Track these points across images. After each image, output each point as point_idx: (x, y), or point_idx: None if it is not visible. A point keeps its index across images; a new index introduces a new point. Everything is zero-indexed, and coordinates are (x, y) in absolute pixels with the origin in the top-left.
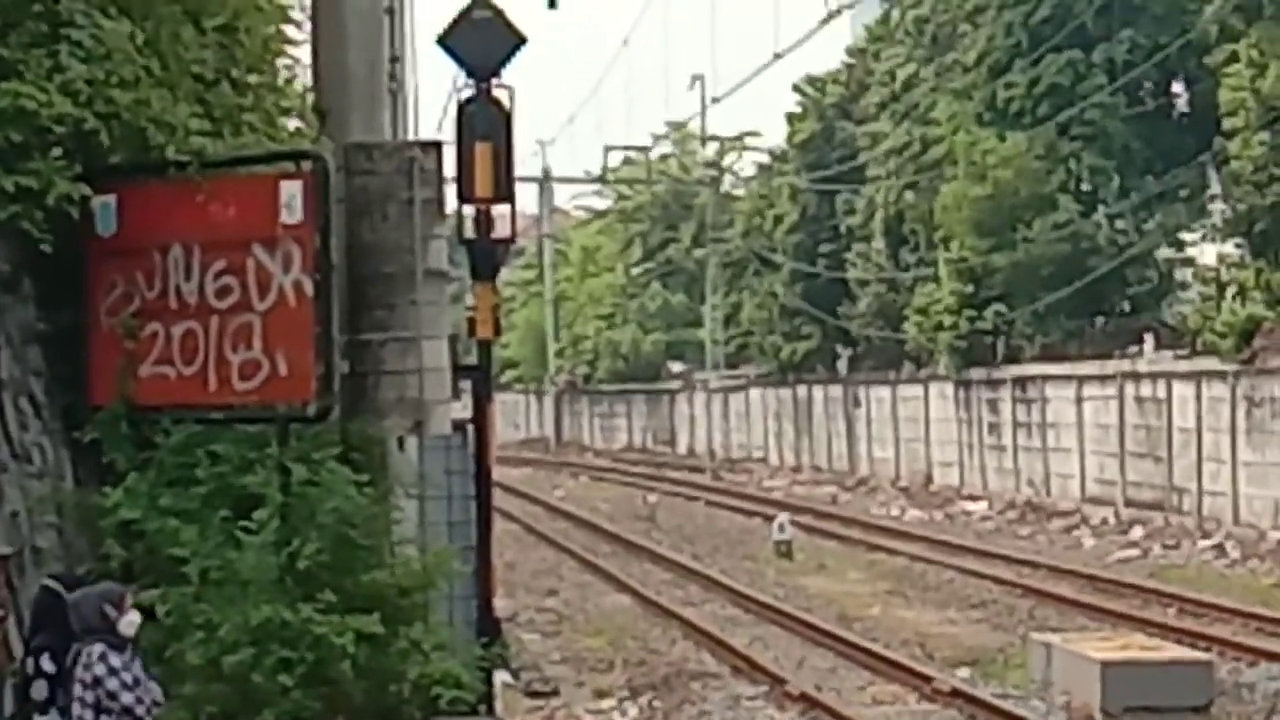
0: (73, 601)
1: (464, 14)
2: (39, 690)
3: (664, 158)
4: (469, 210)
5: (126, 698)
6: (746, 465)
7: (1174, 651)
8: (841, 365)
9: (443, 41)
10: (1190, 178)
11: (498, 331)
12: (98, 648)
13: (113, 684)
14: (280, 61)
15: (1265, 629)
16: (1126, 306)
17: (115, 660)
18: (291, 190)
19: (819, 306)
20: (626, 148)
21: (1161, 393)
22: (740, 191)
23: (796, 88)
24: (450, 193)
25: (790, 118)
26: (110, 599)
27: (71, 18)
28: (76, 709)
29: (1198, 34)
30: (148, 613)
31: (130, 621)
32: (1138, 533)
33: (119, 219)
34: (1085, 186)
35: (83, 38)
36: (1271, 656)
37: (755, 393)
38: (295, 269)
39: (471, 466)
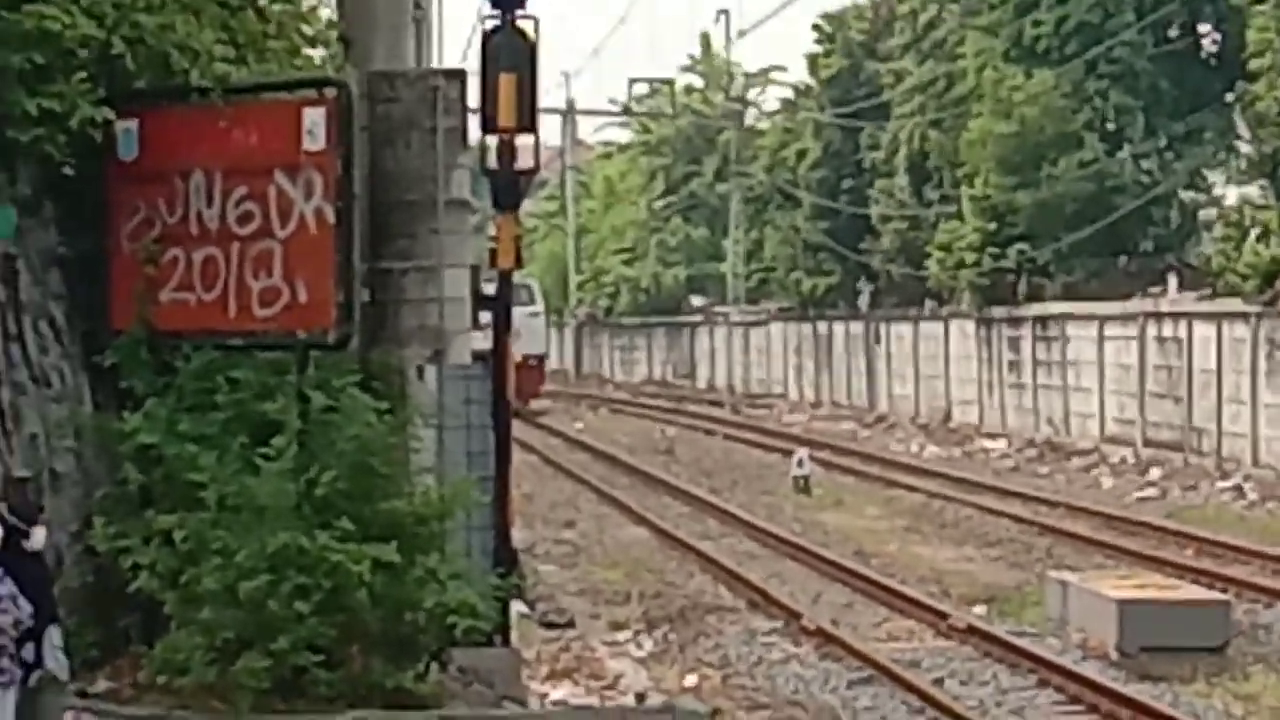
0: None
1: None
2: None
3: (689, 91)
4: (492, 140)
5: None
6: (766, 400)
7: (1191, 592)
8: (863, 301)
9: None
10: (1216, 119)
11: (519, 263)
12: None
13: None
14: None
15: (1276, 569)
16: (1150, 247)
17: None
18: (314, 117)
19: (841, 242)
20: (651, 80)
21: (1183, 333)
22: (764, 126)
23: (816, 26)
24: (474, 123)
25: (813, 58)
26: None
27: None
28: None
29: None
30: (165, 538)
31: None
32: (1156, 473)
33: (141, 144)
34: (1111, 125)
35: None
36: None
37: (776, 328)
38: (317, 196)
39: (489, 396)
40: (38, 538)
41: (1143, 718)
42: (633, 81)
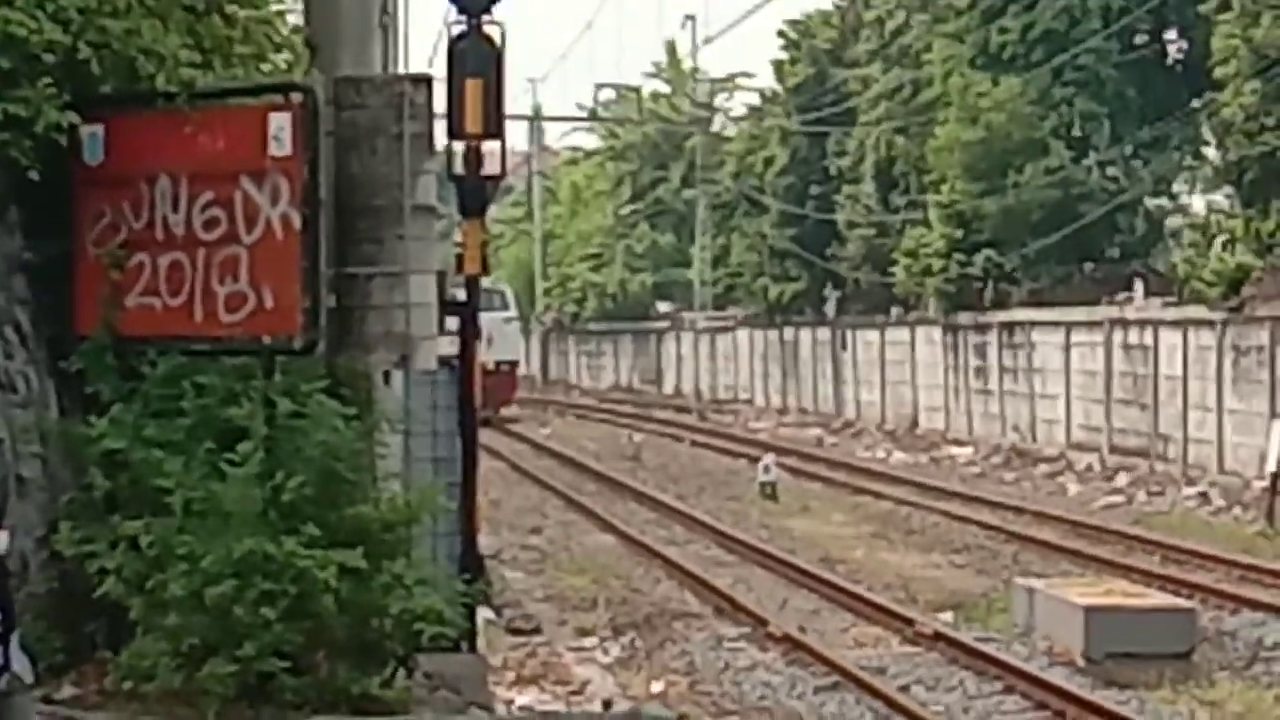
0: None
1: None
2: None
3: (655, 97)
4: (458, 146)
5: None
6: (733, 406)
7: (1157, 598)
8: (829, 308)
9: None
10: (1182, 126)
11: (486, 269)
12: None
13: None
14: None
15: (1248, 577)
16: (1116, 253)
17: None
18: (280, 122)
19: (807, 249)
20: (617, 86)
21: (1149, 340)
22: (731, 132)
23: (782, 33)
24: (440, 129)
25: (779, 64)
26: None
27: None
28: None
29: None
30: (131, 543)
31: None
32: (1122, 479)
33: (107, 149)
34: (1077, 132)
35: None
36: (1254, 604)
37: (743, 334)
38: (283, 202)
39: (456, 402)
40: (1, 543)
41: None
42: (599, 87)
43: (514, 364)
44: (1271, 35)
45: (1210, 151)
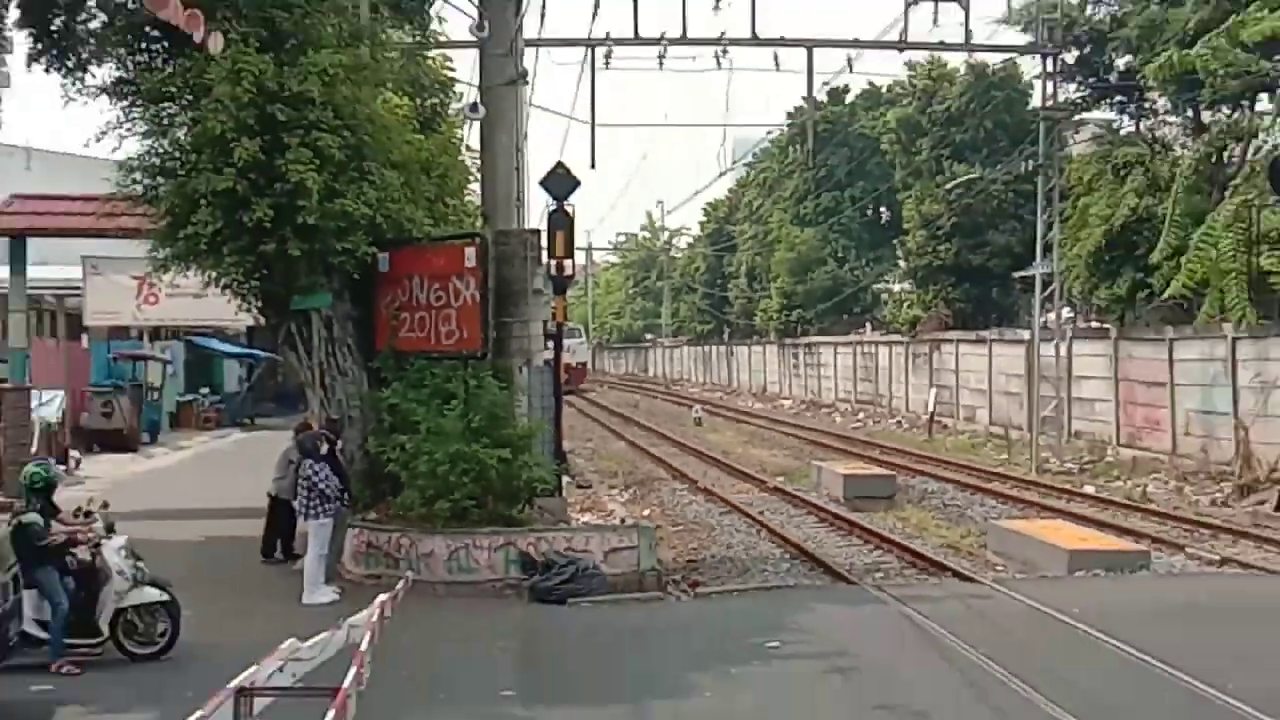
0: (301, 439)
1: (552, 171)
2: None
3: (643, 238)
4: (553, 262)
5: (320, 485)
6: (681, 383)
7: (876, 469)
8: (725, 336)
9: (542, 183)
10: (889, 251)
11: (565, 318)
12: (308, 460)
13: (316, 479)
14: (468, 189)
15: (916, 460)
16: (859, 310)
17: (317, 467)
18: (470, 252)
19: (715, 310)
20: (628, 234)
21: (872, 350)
22: (678, 254)
23: (703, 209)
24: (544, 253)
25: (703, 223)
26: (316, 440)
27: (370, 170)
28: (301, 491)
29: (896, 181)
30: (401, 447)
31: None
32: (861, 416)
33: (390, 263)
34: (840, 255)
35: (375, 180)
36: (919, 473)
37: (686, 349)
38: (472, 288)
39: (551, 381)
40: (345, 446)
41: (854, 528)
42: (618, 234)
43: (584, 364)
44: (931, 209)
45: (901, 263)
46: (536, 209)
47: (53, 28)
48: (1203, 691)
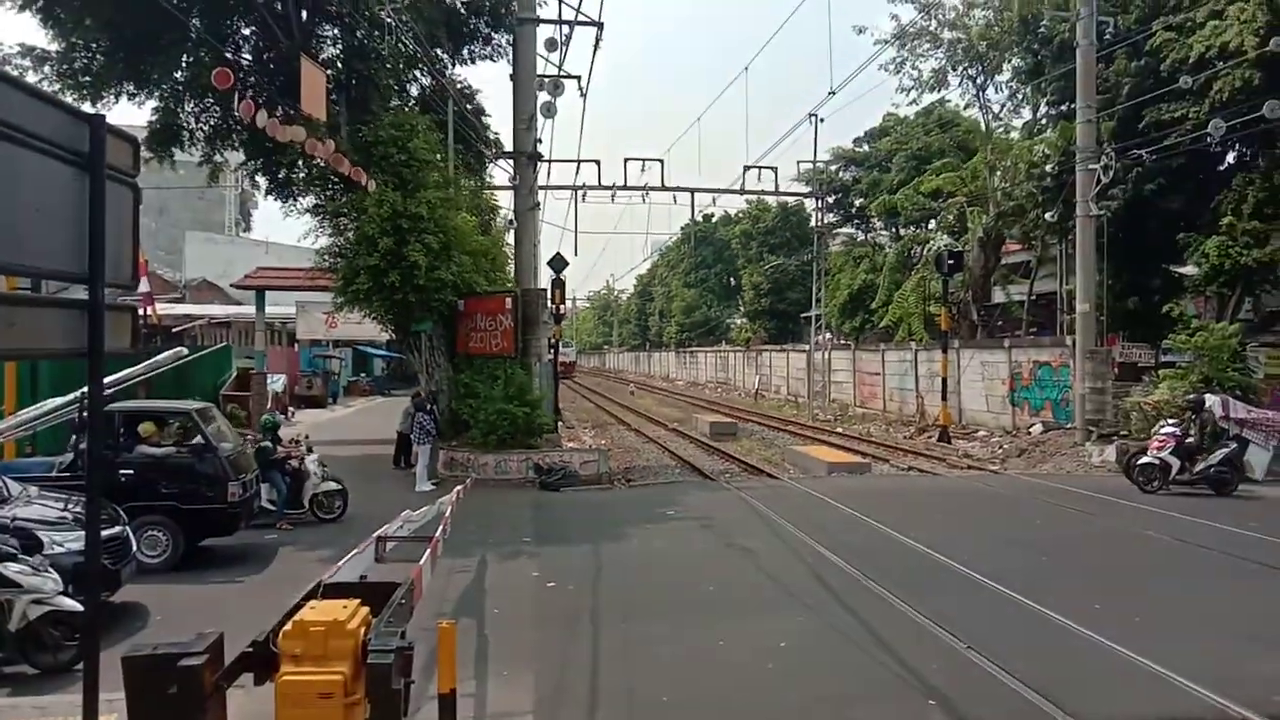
0: (416, 401)
1: (554, 256)
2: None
3: (603, 292)
4: (554, 305)
5: (425, 425)
6: (623, 373)
7: (730, 417)
8: (647, 348)
9: (549, 263)
10: (737, 302)
11: (560, 336)
12: (419, 413)
13: (423, 422)
14: (507, 265)
15: (748, 414)
16: (719, 337)
17: (423, 417)
18: (509, 299)
19: (642, 332)
20: (596, 291)
21: (729, 357)
22: (622, 302)
23: (636, 277)
24: (549, 300)
25: (637, 288)
26: (423, 402)
27: (454, 255)
28: (415, 429)
29: (739, 265)
30: (472, 408)
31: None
32: (721, 391)
33: (465, 306)
34: (709, 304)
35: (457, 261)
36: (749, 421)
37: (626, 354)
38: (510, 319)
39: (552, 371)
40: (440, 407)
41: (714, 450)
42: (590, 291)
43: (573, 362)
44: (757, 280)
45: (741, 308)
46: (545, 276)
47: (279, 175)
48: (891, 534)
